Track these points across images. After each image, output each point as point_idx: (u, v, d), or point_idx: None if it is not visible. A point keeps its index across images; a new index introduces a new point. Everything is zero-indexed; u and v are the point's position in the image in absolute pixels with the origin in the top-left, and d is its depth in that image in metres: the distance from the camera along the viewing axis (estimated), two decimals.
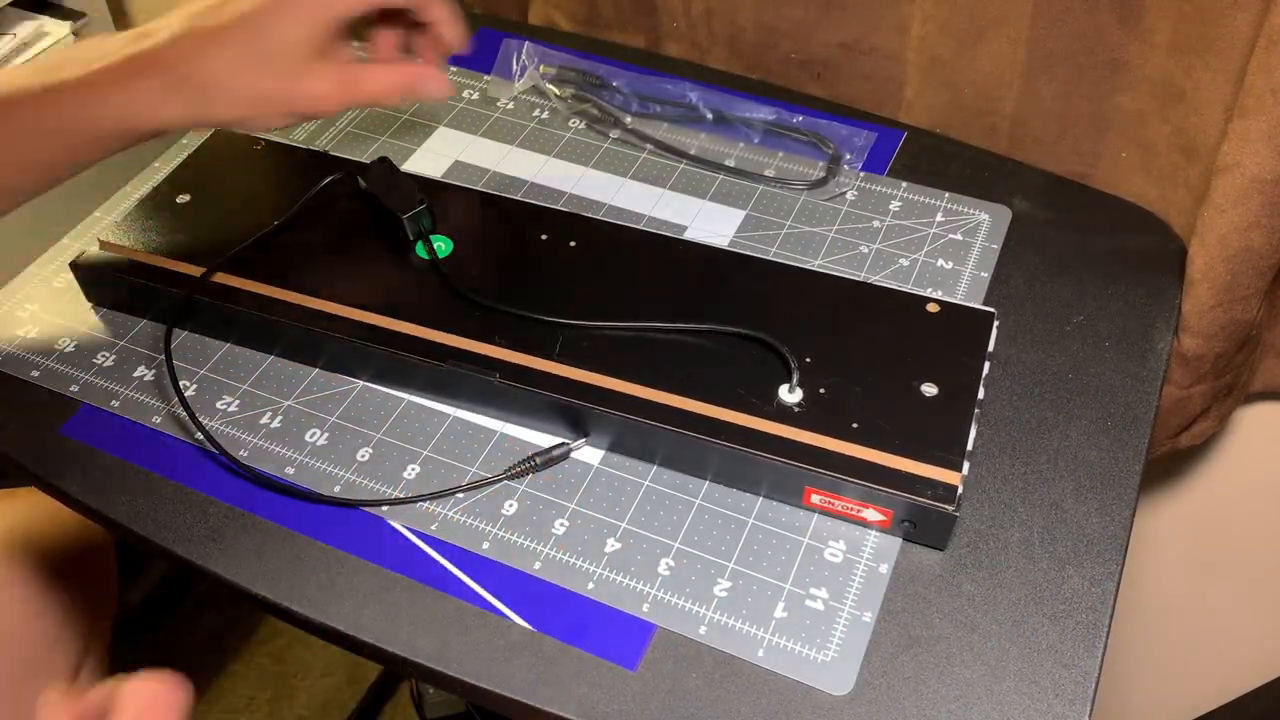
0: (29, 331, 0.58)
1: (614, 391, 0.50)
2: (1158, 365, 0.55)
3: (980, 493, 0.50)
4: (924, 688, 0.43)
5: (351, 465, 0.51)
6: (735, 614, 0.46)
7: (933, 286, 0.58)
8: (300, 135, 0.68)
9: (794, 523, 0.49)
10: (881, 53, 0.67)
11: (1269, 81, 0.50)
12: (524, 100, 0.71)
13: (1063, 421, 0.52)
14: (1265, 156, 0.51)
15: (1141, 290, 0.58)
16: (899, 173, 0.65)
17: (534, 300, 0.53)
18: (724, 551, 0.48)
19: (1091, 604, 0.46)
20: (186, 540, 0.49)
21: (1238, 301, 0.56)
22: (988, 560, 0.47)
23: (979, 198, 0.63)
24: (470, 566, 0.47)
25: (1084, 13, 0.58)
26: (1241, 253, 0.54)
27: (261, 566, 0.48)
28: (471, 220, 0.58)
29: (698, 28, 0.72)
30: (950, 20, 0.62)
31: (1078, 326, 0.56)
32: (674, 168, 0.66)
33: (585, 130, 0.68)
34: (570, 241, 0.56)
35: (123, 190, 0.65)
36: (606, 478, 0.50)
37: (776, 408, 0.49)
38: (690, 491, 0.50)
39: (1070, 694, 0.43)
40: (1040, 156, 0.65)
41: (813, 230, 0.61)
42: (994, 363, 0.53)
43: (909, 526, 0.47)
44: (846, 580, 0.47)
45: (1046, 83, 0.62)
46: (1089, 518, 0.49)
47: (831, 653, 0.44)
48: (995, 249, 0.60)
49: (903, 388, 0.49)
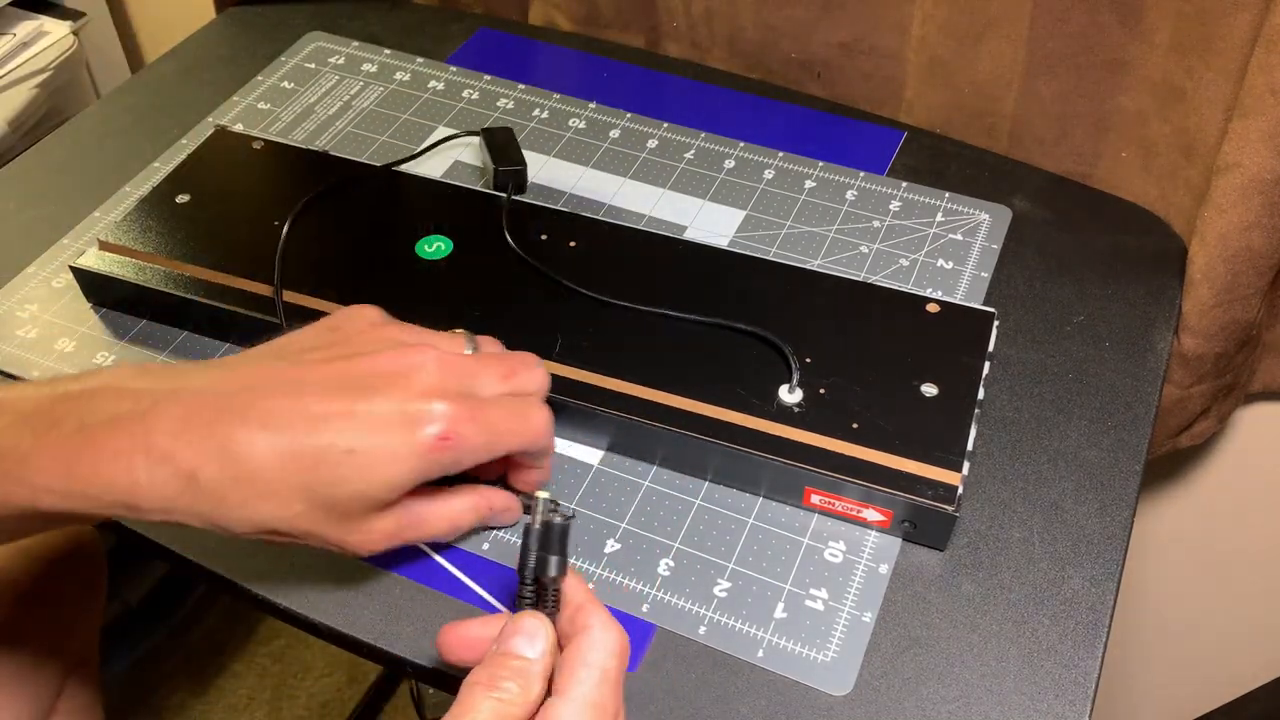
0: (29, 331, 0.58)
1: (614, 391, 0.50)
2: (1158, 365, 0.55)
3: (980, 493, 0.50)
4: (924, 688, 0.43)
5: None
6: (735, 614, 0.46)
7: (933, 286, 0.58)
8: (300, 136, 0.68)
9: (794, 523, 0.49)
10: (881, 53, 0.67)
11: (1269, 81, 0.50)
12: (524, 100, 0.71)
13: (1063, 421, 0.52)
14: (1265, 156, 0.51)
15: (1141, 290, 0.58)
16: (899, 173, 0.65)
17: (534, 300, 0.53)
18: (724, 552, 0.48)
19: (1091, 604, 0.46)
20: (186, 540, 0.49)
21: (1238, 301, 0.56)
22: (988, 560, 0.47)
23: (979, 198, 0.63)
24: (470, 566, 0.47)
25: (1084, 13, 0.58)
26: (1242, 252, 0.54)
27: (261, 566, 0.48)
28: (472, 220, 0.58)
29: (698, 28, 0.72)
30: (950, 20, 0.62)
31: (1078, 326, 0.56)
32: (674, 168, 0.66)
33: (585, 130, 0.68)
34: (570, 241, 0.56)
35: (123, 190, 0.65)
36: (606, 478, 0.50)
37: (776, 408, 0.49)
38: (690, 491, 0.50)
39: (1070, 694, 0.43)
40: (1040, 156, 0.65)
41: (813, 230, 0.61)
42: (994, 363, 0.53)
43: (909, 527, 0.47)
44: (846, 580, 0.47)
45: (1047, 83, 0.62)
46: (1089, 518, 0.49)
47: (831, 653, 0.44)
48: (995, 249, 0.60)
49: (903, 388, 0.49)
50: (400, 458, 0.39)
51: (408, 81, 0.73)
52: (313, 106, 0.71)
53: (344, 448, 0.38)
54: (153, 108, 0.71)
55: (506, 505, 0.47)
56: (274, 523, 0.39)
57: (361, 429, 0.38)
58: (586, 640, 0.35)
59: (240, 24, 0.78)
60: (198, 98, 0.71)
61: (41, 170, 0.67)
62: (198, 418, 0.38)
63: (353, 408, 0.38)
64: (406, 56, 0.75)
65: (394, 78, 0.73)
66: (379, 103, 0.71)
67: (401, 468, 0.39)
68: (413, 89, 0.72)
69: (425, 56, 0.74)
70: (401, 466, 0.39)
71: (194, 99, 0.71)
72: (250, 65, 0.74)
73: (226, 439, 0.37)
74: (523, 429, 0.43)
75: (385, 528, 0.41)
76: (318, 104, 0.71)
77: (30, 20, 0.98)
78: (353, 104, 0.71)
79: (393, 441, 0.38)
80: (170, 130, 0.69)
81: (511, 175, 0.61)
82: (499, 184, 0.61)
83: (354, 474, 0.38)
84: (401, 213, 0.59)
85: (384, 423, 0.38)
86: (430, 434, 0.39)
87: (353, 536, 0.40)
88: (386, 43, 0.76)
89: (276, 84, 0.73)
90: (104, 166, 0.67)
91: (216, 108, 0.71)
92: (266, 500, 0.38)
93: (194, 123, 0.69)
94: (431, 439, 0.39)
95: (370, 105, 0.71)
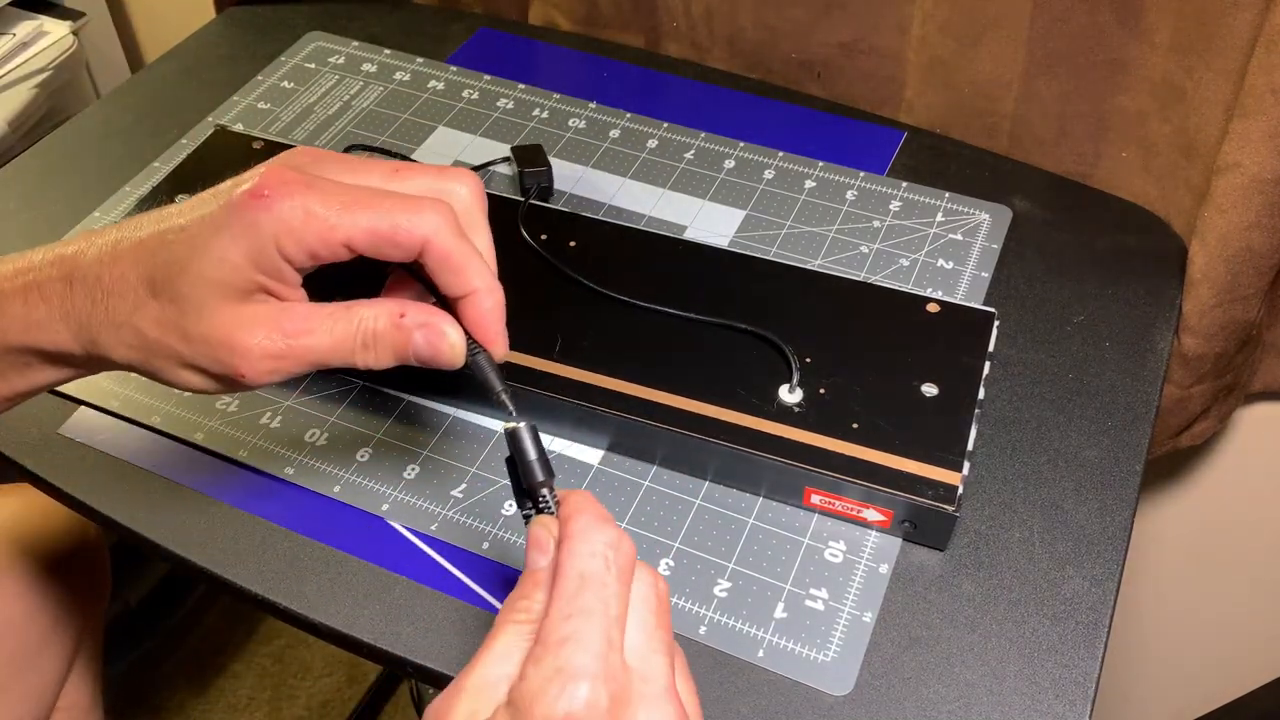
0: None
1: (614, 391, 0.50)
2: (1158, 365, 0.55)
3: (980, 493, 0.50)
4: (924, 688, 0.43)
5: (351, 465, 0.51)
6: (735, 614, 0.46)
7: (933, 286, 0.58)
8: (300, 136, 0.68)
9: (794, 523, 0.49)
10: (882, 53, 0.67)
11: (1269, 81, 0.50)
12: (524, 100, 0.71)
13: (1063, 421, 0.52)
14: (1266, 156, 0.51)
15: (1142, 290, 0.58)
16: (899, 173, 0.65)
17: (534, 300, 0.53)
18: (724, 552, 0.48)
19: (1092, 604, 0.46)
20: (186, 540, 0.49)
21: (1238, 301, 0.56)
22: (988, 560, 0.47)
23: (979, 198, 0.63)
24: (470, 566, 0.47)
25: (1084, 13, 0.58)
26: (1242, 252, 0.54)
27: (261, 566, 0.48)
28: None
29: (698, 27, 0.72)
30: (950, 20, 0.62)
31: (1078, 326, 0.56)
32: (674, 168, 0.66)
33: (585, 130, 0.68)
34: (570, 241, 0.56)
35: (123, 190, 0.65)
36: (606, 478, 0.50)
37: (777, 408, 0.49)
38: (690, 491, 0.50)
39: (1070, 694, 0.43)
40: (1040, 156, 0.65)
41: (813, 230, 0.61)
42: (994, 363, 0.53)
43: (909, 527, 0.47)
44: (847, 580, 0.47)
45: (1047, 83, 0.62)
46: (1089, 518, 0.49)
47: (831, 653, 0.44)
48: (995, 249, 0.60)
49: (903, 388, 0.49)
50: (219, 223, 0.35)
51: (408, 81, 0.73)
52: (312, 106, 0.71)
53: (177, 227, 0.36)
54: (153, 108, 0.71)
55: (423, 321, 0.37)
56: (134, 322, 0.36)
57: (194, 207, 0.36)
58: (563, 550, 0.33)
59: (240, 24, 0.78)
60: (198, 98, 0.71)
61: (41, 170, 0.67)
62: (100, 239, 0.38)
63: (196, 200, 0.37)
64: (406, 56, 0.75)
65: (394, 78, 0.73)
66: (379, 102, 0.71)
67: (223, 236, 0.35)
68: (413, 89, 0.72)
69: (425, 56, 0.74)
70: (223, 235, 0.35)
71: (194, 99, 0.71)
72: (250, 65, 0.74)
73: (104, 247, 0.37)
74: (384, 206, 0.35)
75: (264, 335, 0.36)
76: (317, 104, 0.71)
77: (30, 20, 0.98)
78: (353, 104, 0.71)
79: (211, 207, 0.36)
80: (170, 130, 0.69)
81: (536, 178, 0.62)
82: (524, 187, 0.62)
83: (184, 250, 0.35)
84: None
85: (213, 195, 0.36)
86: (241, 190, 0.35)
87: (233, 337, 0.36)
88: (386, 43, 0.76)
89: (276, 84, 0.73)
90: (104, 166, 0.67)
91: (216, 108, 0.71)
92: (119, 298, 0.36)
93: (194, 123, 0.69)
94: (242, 195, 0.35)
95: (370, 105, 0.71)
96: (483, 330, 0.38)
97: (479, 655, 0.32)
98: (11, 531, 0.69)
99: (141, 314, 0.36)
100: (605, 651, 0.30)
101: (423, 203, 0.36)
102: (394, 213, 0.35)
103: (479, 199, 0.39)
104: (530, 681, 0.30)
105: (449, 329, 0.37)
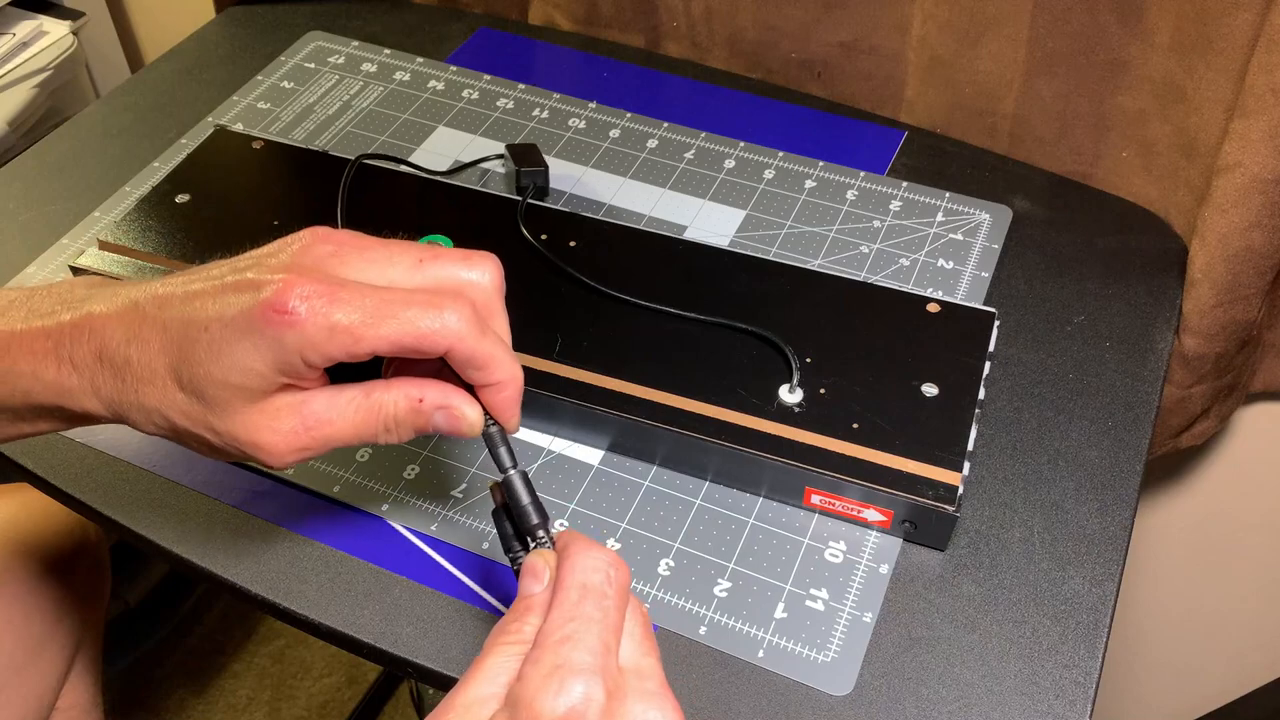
0: None
1: (614, 391, 0.50)
2: (1158, 365, 0.55)
3: (980, 493, 0.50)
4: (924, 688, 0.43)
5: (351, 465, 0.51)
6: (735, 614, 0.46)
7: (933, 286, 0.58)
8: (300, 135, 0.68)
9: (794, 523, 0.49)
10: (882, 52, 0.67)
11: (1270, 81, 0.50)
12: (524, 100, 0.71)
13: (1063, 421, 0.52)
14: (1266, 156, 0.51)
15: (1142, 290, 0.58)
16: (899, 173, 0.65)
17: (534, 300, 0.53)
18: (724, 552, 0.48)
19: (1092, 604, 0.46)
20: (186, 540, 0.49)
21: (1238, 301, 0.56)
22: (988, 560, 0.47)
23: (979, 197, 0.63)
24: (470, 566, 0.47)
25: (1084, 12, 0.58)
26: (1242, 252, 0.54)
27: (261, 566, 0.48)
28: (471, 219, 0.58)
29: (698, 27, 0.72)
30: (950, 20, 0.62)
31: (1078, 326, 0.56)
32: (674, 168, 0.66)
33: (585, 130, 0.68)
34: (570, 241, 0.56)
35: (122, 190, 0.65)
36: (606, 478, 0.50)
37: (777, 408, 0.49)
38: (690, 491, 0.50)
39: (1070, 694, 0.43)
40: (1041, 156, 0.65)
41: (813, 230, 0.61)
42: (994, 363, 0.53)
43: (909, 527, 0.47)
44: (847, 581, 0.47)
45: (1047, 82, 0.62)
46: (1089, 518, 0.49)
47: (832, 653, 0.44)
48: (996, 249, 0.60)
49: (903, 388, 0.49)
50: (242, 330, 0.35)
51: (408, 81, 0.73)
52: (312, 106, 0.71)
53: (201, 325, 0.36)
54: (152, 108, 0.71)
55: (441, 403, 0.38)
56: (164, 410, 0.37)
57: (215, 306, 0.36)
58: (565, 565, 0.34)
59: (240, 24, 0.78)
60: (197, 97, 0.71)
61: (41, 170, 0.67)
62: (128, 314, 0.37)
63: (220, 285, 0.36)
64: (406, 56, 0.75)
65: (394, 77, 0.73)
66: (379, 102, 0.71)
67: (245, 345, 0.35)
68: (413, 89, 0.72)
69: (425, 56, 0.74)
70: (245, 344, 0.35)
71: (194, 99, 0.71)
72: (250, 65, 0.74)
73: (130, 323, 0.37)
74: (408, 314, 0.35)
75: (288, 429, 0.37)
76: (317, 103, 0.71)
77: (30, 20, 0.98)
78: (352, 103, 0.71)
79: (233, 307, 0.35)
80: (170, 130, 0.69)
81: (532, 177, 0.62)
82: (520, 186, 0.62)
83: (207, 354, 0.35)
84: (404, 212, 0.59)
85: (235, 288, 0.36)
86: (264, 300, 0.35)
87: (257, 436, 0.36)
88: (386, 42, 0.76)
89: (276, 84, 0.73)
90: (104, 166, 0.67)
91: (216, 107, 0.71)
92: (148, 385, 0.37)
93: (194, 122, 0.69)
94: (265, 308, 0.35)
95: (370, 105, 0.71)
96: (499, 412, 0.39)
97: (468, 675, 0.32)
98: (11, 531, 0.69)
99: (170, 404, 0.37)
100: (603, 652, 0.31)
101: (443, 301, 0.36)
102: (417, 321, 0.36)
103: (499, 287, 0.39)
104: (529, 679, 0.30)
105: (467, 410, 0.38)
